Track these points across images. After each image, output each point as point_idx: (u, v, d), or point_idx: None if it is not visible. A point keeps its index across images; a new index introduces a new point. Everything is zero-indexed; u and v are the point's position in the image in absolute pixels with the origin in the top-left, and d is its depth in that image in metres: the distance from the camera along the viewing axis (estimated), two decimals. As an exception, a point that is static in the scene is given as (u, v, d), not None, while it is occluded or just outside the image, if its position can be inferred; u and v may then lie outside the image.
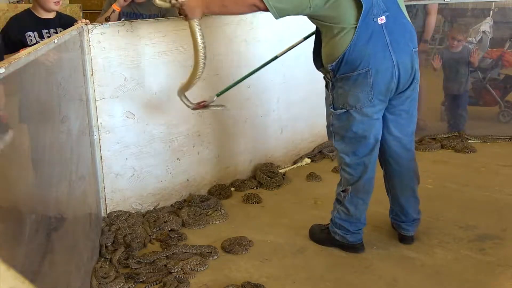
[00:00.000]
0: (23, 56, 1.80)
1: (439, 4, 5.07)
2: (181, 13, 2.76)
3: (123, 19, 3.60)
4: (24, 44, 3.07)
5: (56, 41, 2.33)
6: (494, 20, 5.11)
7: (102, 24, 3.18)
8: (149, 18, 3.61)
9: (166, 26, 3.39)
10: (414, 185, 2.94)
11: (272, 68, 3.93)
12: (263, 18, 3.57)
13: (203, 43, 2.81)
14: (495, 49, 5.13)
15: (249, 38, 3.78)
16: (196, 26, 2.76)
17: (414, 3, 4.67)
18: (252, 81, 3.87)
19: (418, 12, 4.72)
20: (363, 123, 2.67)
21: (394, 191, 2.96)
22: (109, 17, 3.53)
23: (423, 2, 4.69)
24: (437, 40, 7.04)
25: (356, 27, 2.53)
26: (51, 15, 3.25)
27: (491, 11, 5.29)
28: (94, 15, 8.01)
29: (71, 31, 2.78)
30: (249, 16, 3.76)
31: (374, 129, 2.71)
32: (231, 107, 3.79)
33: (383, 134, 2.79)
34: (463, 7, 7.08)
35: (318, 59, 2.78)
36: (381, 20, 2.56)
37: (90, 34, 3.10)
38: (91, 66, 3.13)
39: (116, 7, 3.55)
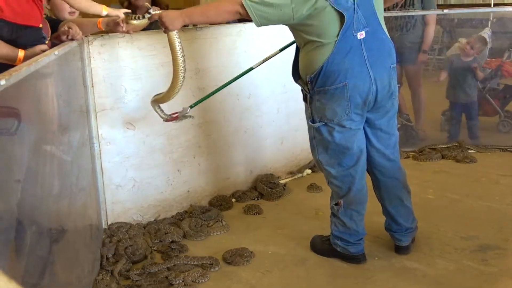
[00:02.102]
0: (23, 67, 1.80)
1: (438, 14, 5.10)
2: (160, 25, 2.72)
3: None
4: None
5: (56, 53, 2.33)
6: (493, 30, 5.13)
7: (102, 36, 3.19)
8: None
9: (165, 38, 3.39)
10: (402, 194, 2.92)
11: (272, 79, 3.95)
12: (263, 29, 3.58)
13: (183, 56, 2.77)
14: (494, 59, 5.16)
15: (249, 49, 3.79)
16: (175, 38, 2.73)
17: (413, 14, 4.69)
18: (252, 91, 3.88)
19: (417, 23, 4.74)
20: (344, 134, 2.67)
21: (383, 201, 2.95)
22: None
23: (422, 13, 4.71)
24: (436, 50, 7.08)
25: (336, 40, 2.53)
26: None
27: (490, 21, 5.31)
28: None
29: (72, 43, 2.79)
30: (248, 27, 3.78)
31: (356, 139, 2.71)
32: (231, 118, 3.80)
33: (366, 146, 2.79)
34: (462, 17, 7.11)
35: (296, 71, 2.77)
36: (361, 35, 2.56)
37: (90, 46, 3.11)
38: (92, 77, 3.13)
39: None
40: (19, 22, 2.52)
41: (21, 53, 2.48)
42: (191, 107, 3.16)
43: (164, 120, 3.15)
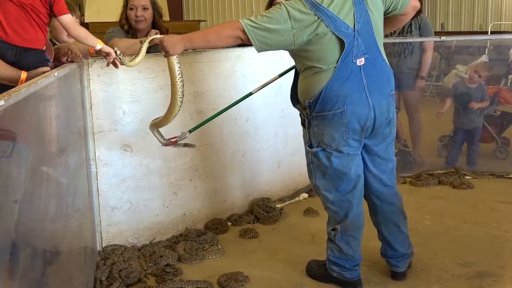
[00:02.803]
0: (23, 88, 1.82)
1: (435, 41, 5.15)
2: (161, 49, 2.73)
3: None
4: None
5: (56, 74, 2.35)
6: (490, 57, 5.18)
7: (101, 58, 3.21)
8: None
9: (165, 61, 3.42)
10: (398, 220, 2.92)
11: (270, 103, 3.96)
12: (262, 53, 3.61)
13: (182, 81, 2.78)
14: (491, 86, 5.19)
15: (248, 74, 3.82)
16: (175, 63, 2.74)
17: (411, 41, 4.74)
18: (250, 115, 3.90)
19: (415, 49, 4.79)
20: (341, 159, 2.68)
21: (379, 227, 2.95)
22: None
23: (420, 39, 4.76)
24: (434, 76, 7.13)
25: (335, 66, 2.55)
26: None
27: (487, 49, 5.37)
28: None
29: (72, 65, 2.81)
30: (247, 51, 3.81)
31: (353, 164, 2.71)
32: (229, 142, 3.81)
33: (363, 171, 2.80)
34: (459, 44, 7.18)
35: (295, 96, 2.79)
36: (360, 62, 2.58)
37: (90, 68, 3.13)
38: (90, 99, 3.15)
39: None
40: (23, 45, 2.58)
41: (23, 74, 2.53)
42: (190, 131, 3.16)
43: (162, 145, 3.14)
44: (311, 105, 2.63)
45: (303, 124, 2.78)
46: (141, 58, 2.83)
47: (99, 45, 2.80)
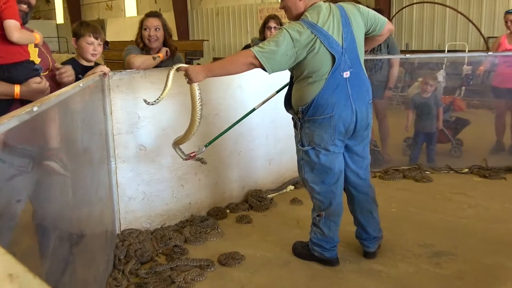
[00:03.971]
0: (53, 97, 1.82)
1: (401, 58, 5.18)
2: (185, 77, 2.72)
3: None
4: None
5: (81, 85, 2.34)
6: (447, 72, 5.21)
7: (120, 71, 3.20)
8: None
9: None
10: (372, 207, 2.94)
11: (262, 110, 3.96)
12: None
13: (201, 105, 2.76)
14: (447, 96, 5.23)
15: (243, 85, 3.82)
16: (196, 89, 2.73)
17: (380, 57, 4.76)
18: (246, 120, 3.89)
19: (384, 65, 4.80)
20: (328, 156, 2.69)
21: (355, 213, 2.96)
22: (154, 57, 3.39)
23: (388, 57, 4.77)
24: (399, 88, 7.16)
25: (326, 78, 2.56)
26: (91, 63, 3.17)
27: (444, 65, 5.40)
28: (113, 64, 8.08)
29: (95, 77, 2.80)
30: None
31: (337, 161, 2.73)
32: (227, 142, 3.81)
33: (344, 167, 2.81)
34: (421, 61, 7.23)
35: (289, 102, 2.79)
36: (346, 74, 2.59)
37: (110, 80, 3.12)
38: (111, 106, 3.14)
39: (162, 56, 3.43)
40: (5, 62, 2.29)
41: (17, 88, 2.29)
42: (206, 146, 3.17)
43: (183, 159, 3.13)
44: (304, 111, 2.63)
45: (295, 126, 2.77)
46: (169, 86, 2.80)
47: (36, 38, 2.47)
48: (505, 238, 3.15)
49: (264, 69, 2.55)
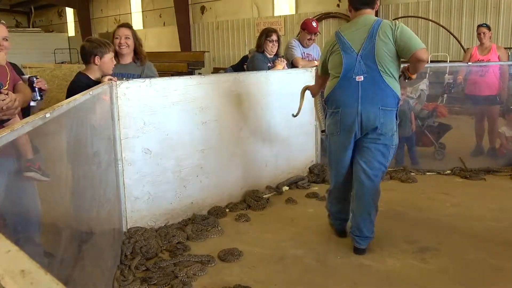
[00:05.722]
0: (65, 103, 1.81)
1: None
2: (309, 90, 3.39)
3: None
4: None
5: (91, 93, 2.34)
6: (430, 80, 5.21)
7: (128, 80, 3.20)
8: (132, 77, 3.34)
9: (178, 83, 3.42)
10: (372, 210, 2.93)
11: (259, 117, 3.98)
12: (249, 77, 3.59)
13: (321, 105, 3.60)
14: (430, 103, 5.23)
15: (240, 92, 3.82)
16: (318, 98, 3.64)
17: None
18: (243, 125, 3.89)
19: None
20: (336, 145, 2.91)
21: (355, 212, 2.96)
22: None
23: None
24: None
25: (339, 77, 2.80)
26: (99, 77, 3.08)
27: (427, 74, 5.40)
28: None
29: (103, 86, 2.80)
30: (241, 75, 3.83)
31: (342, 150, 2.91)
32: (227, 146, 3.81)
33: (354, 163, 2.90)
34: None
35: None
36: (359, 78, 2.74)
37: (118, 88, 3.12)
38: (118, 112, 3.13)
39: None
40: None
41: None
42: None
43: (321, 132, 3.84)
44: (326, 101, 2.93)
45: (325, 114, 3.08)
46: (302, 103, 3.48)
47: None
48: (485, 235, 3.15)
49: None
